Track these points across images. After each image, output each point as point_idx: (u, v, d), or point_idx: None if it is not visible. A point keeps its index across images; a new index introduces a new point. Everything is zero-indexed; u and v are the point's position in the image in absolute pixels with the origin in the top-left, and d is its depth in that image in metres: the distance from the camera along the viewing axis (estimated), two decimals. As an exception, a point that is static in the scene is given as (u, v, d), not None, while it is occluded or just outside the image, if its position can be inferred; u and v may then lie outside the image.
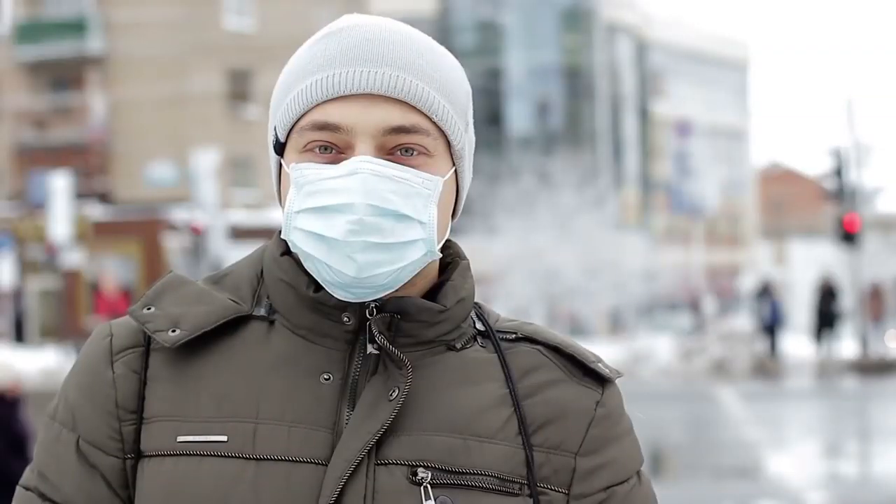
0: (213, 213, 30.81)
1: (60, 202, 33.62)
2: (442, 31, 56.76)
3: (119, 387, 1.65)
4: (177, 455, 1.61)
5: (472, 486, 1.61)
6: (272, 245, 1.72)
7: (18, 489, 1.67)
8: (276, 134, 1.67)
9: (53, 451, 1.66)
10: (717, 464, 15.62)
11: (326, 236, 1.59)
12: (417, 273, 1.65)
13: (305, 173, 1.61)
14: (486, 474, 1.62)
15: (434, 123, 1.63)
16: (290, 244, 1.64)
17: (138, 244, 39.19)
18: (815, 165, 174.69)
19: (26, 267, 39.01)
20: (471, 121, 1.71)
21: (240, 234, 34.64)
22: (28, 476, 1.68)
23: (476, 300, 1.75)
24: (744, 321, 45.30)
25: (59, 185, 33.98)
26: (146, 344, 1.67)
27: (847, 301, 33.40)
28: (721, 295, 62.45)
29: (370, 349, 1.65)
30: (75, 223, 35.34)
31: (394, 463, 1.60)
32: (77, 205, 36.49)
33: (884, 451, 17.13)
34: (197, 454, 1.60)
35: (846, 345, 31.58)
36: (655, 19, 66.30)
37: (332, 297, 1.64)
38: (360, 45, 1.63)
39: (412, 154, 1.62)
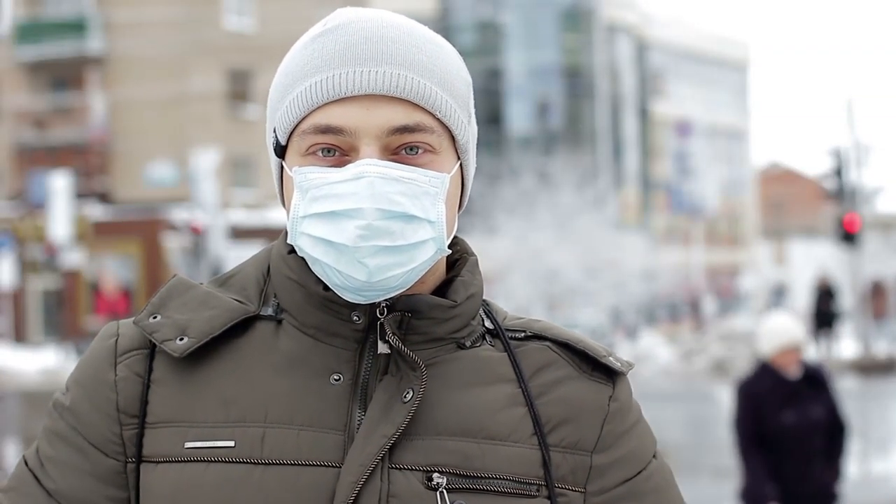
0: (213, 213, 30.79)
1: (60, 202, 33.62)
2: (442, 31, 56.64)
3: (121, 390, 1.63)
4: (184, 461, 1.59)
5: (489, 489, 1.60)
6: (279, 243, 1.69)
7: (21, 461, 1.67)
8: (276, 136, 1.64)
9: (53, 443, 1.65)
10: (717, 464, 15.59)
11: (335, 242, 1.56)
12: (427, 270, 1.63)
13: (310, 177, 1.58)
14: (501, 477, 1.60)
15: (438, 119, 1.61)
16: (297, 249, 1.61)
17: (138, 244, 39.18)
18: (815, 165, 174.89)
19: (26, 267, 39.00)
20: (472, 111, 1.68)
21: (240, 234, 34.65)
22: (31, 455, 1.66)
23: (484, 298, 1.73)
24: (744, 321, 45.24)
25: (59, 185, 33.98)
26: (152, 346, 1.65)
27: (847, 301, 33.41)
28: (721, 295, 62.46)
29: (381, 349, 1.63)
30: (75, 223, 35.34)
31: (409, 468, 1.58)
32: (77, 205, 36.49)
33: (884, 451, 17.12)
34: (204, 460, 1.59)
35: (846, 345, 31.57)
36: (655, 19, 66.28)
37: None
38: (359, 44, 1.59)
39: (417, 152, 1.59)
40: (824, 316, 30.26)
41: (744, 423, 7.37)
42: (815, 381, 7.41)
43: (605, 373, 1.69)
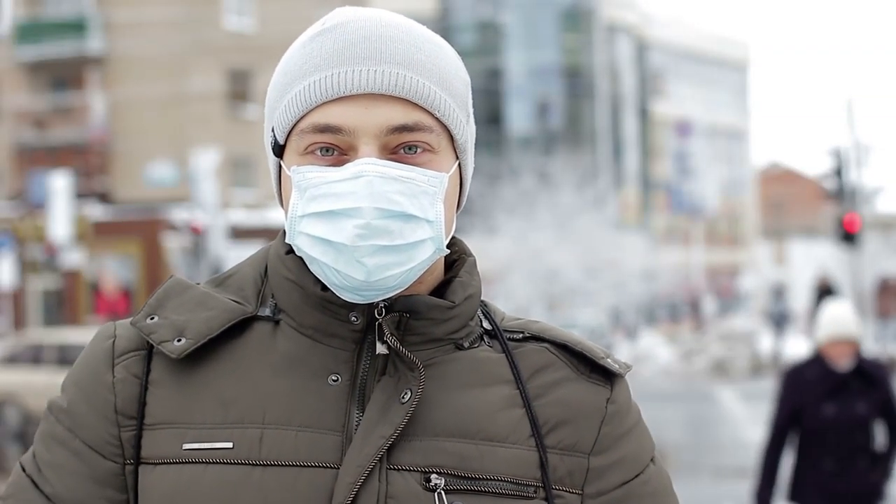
0: (213, 213, 30.77)
1: (60, 202, 33.59)
2: (442, 31, 56.73)
3: (118, 392, 1.63)
4: (182, 463, 1.58)
5: (486, 491, 1.59)
6: (277, 244, 1.69)
7: (17, 467, 1.66)
8: (273, 136, 1.64)
9: (50, 447, 1.64)
10: (717, 464, 15.62)
11: (334, 241, 1.56)
12: (425, 270, 1.62)
13: (308, 176, 1.58)
14: (499, 479, 1.60)
15: (436, 119, 1.60)
16: (295, 248, 1.61)
17: (138, 244, 39.17)
18: (815, 165, 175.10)
19: (26, 267, 38.99)
20: (471, 111, 1.68)
21: (240, 234, 34.64)
22: (28, 460, 1.65)
23: (482, 298, 1.73)
24: (744, 321, 45.25)
25: (59, 185, 33.96)
26: (149, 347, 1.64)
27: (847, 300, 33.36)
28: (721, 295, 62.48)
29: (379, 349, 1.62)
30: (75, 223, 35.31)
31: (407, 469, 1.58)
32: (77, 205, 36.46)
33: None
34: (202, 461, 1.58)
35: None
36: (655, 19, 66.31)
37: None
38: (358, 43, 1.59)
39: (416, 152, 1.59)
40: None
41: (780, 413, 7.24)
42: (867, 377, 7.26)
43: (603, 374, 1.69)
